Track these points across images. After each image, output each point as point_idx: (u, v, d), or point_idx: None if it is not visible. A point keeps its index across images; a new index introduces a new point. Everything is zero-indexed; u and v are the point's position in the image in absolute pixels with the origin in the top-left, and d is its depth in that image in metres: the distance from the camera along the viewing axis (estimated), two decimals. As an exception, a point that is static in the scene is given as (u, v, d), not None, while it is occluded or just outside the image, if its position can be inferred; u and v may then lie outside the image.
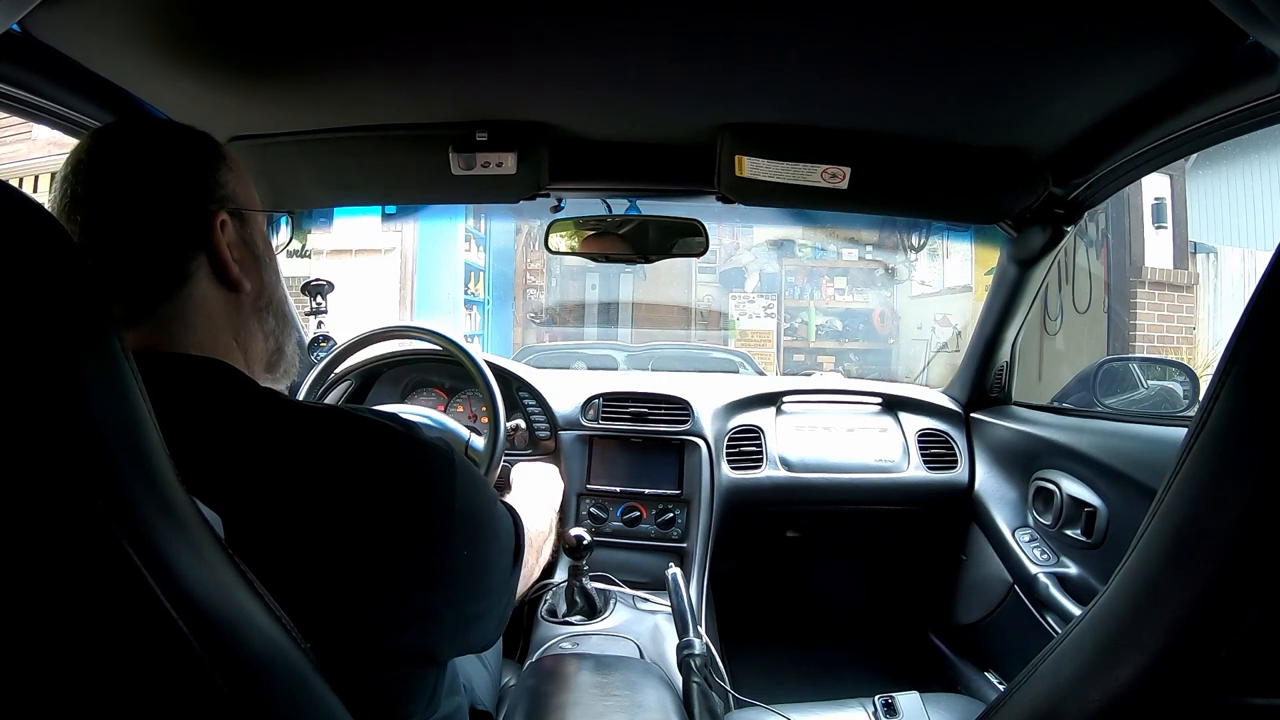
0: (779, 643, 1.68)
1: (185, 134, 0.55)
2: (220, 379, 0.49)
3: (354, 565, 0.44)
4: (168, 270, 0.51)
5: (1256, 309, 0.34)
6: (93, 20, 0.71)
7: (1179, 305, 4.39)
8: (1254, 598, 0.34)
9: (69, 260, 0.31)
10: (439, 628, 0.50)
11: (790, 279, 7.01)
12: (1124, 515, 1.08)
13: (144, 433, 0.33)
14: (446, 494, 0.49)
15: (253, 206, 0.57)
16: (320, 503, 0.44)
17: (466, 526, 0.51)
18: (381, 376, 1.53)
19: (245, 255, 0.55)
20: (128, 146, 0.52)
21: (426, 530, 0.48)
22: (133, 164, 0.51)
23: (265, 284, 0.57)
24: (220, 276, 0.53)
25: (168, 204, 0.51)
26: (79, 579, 0.30)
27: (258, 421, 0.47)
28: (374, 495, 0.46)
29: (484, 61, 0.81)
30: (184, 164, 0.53)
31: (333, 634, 0.41)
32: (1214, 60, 0.73)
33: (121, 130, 0.54)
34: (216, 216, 0.53)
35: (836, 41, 0.75)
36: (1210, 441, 0.36)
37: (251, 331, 0.56)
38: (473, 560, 0.52)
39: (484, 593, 0.55)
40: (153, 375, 0.35)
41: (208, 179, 0.54)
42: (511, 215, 6.22)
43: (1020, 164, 1.03)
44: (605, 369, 3.39)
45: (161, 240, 0.51)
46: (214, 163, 0.55)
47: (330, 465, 0.46)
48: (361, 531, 0.44)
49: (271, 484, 0.44)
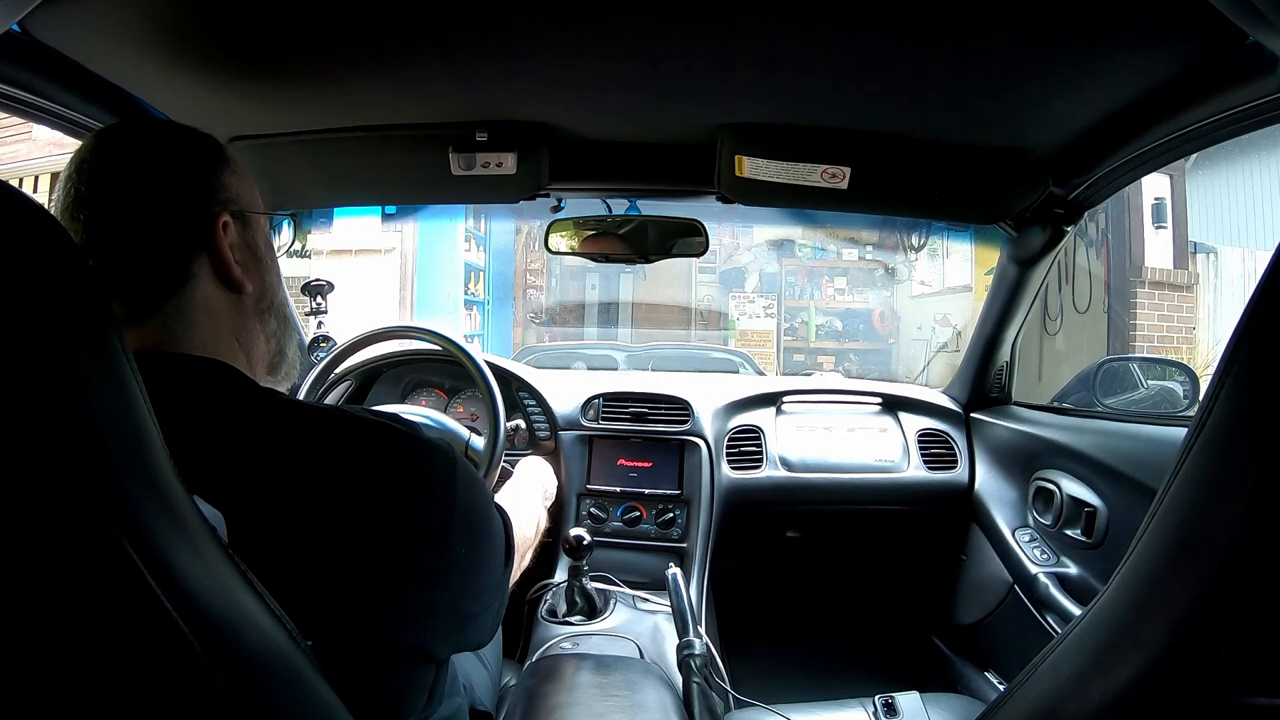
0: (779, 643, 1.68)
1: (188, 135, 0.55)
2: (222, 379, 0.49)
3: (354, 564, 0.44)
4: (170, 270, 0.51)
5: (1256, 309, 0.34)
6: (93, 20, 0.71)
7: (1179, 305, 4.39)
8: (1254, 598, 0.34)
9: (69, 260, 0.31)
10: (437, 626, 0.50)
11: (790, 279, 7.01)
12: (1124, 515, 1.08)
13: (144, 432, 0.33)
14: (448, 494, 0.50)
15: (255, 208, 0.58)
16: (321, 502, 0.44)
17: (466, 527, 0.52)
18: (381, 377, 1.53)
19: (247, 257, 0.56)
20: (131, 147, 0.52)
21: (427, 529, 0.48)
22: (136, 164, 0.51)
23: (267, 286, 0.58)
24: (222, 277, 0.53)
25: (170, 204, 0.52)
26: (79, 578, 0.30)
27: (259, 421, 0.47)
28: (375, 494, 0.46)
29: (484, 61, 0.81)
30: (187, 165, 0.53)
31: (332, 632, 0.42)
32: (1214, 60, 0.73)
33: (125, 131, 0.54)
34: (219, 218, 0.53)
35: (836, 41, 0.75)
36: (1210, 441, 0.36)
37: (253, 333, 0.56)
38: (470, 560, 0.53)
39: (480, 591, 0.56)
40: (155, 375, 0.35)
41: (210, 180, 0.54)
42: (511, 215, 6.22)
43: (1020, 164, 1.03)
44: (605, 369, 3.39)
45: (164, 240, 0.51)
46: (217, 164, 0.55)
47: (332, 464, 0.46)
48: (362, 530, 0.45)
49: (273, 483, 0.44)
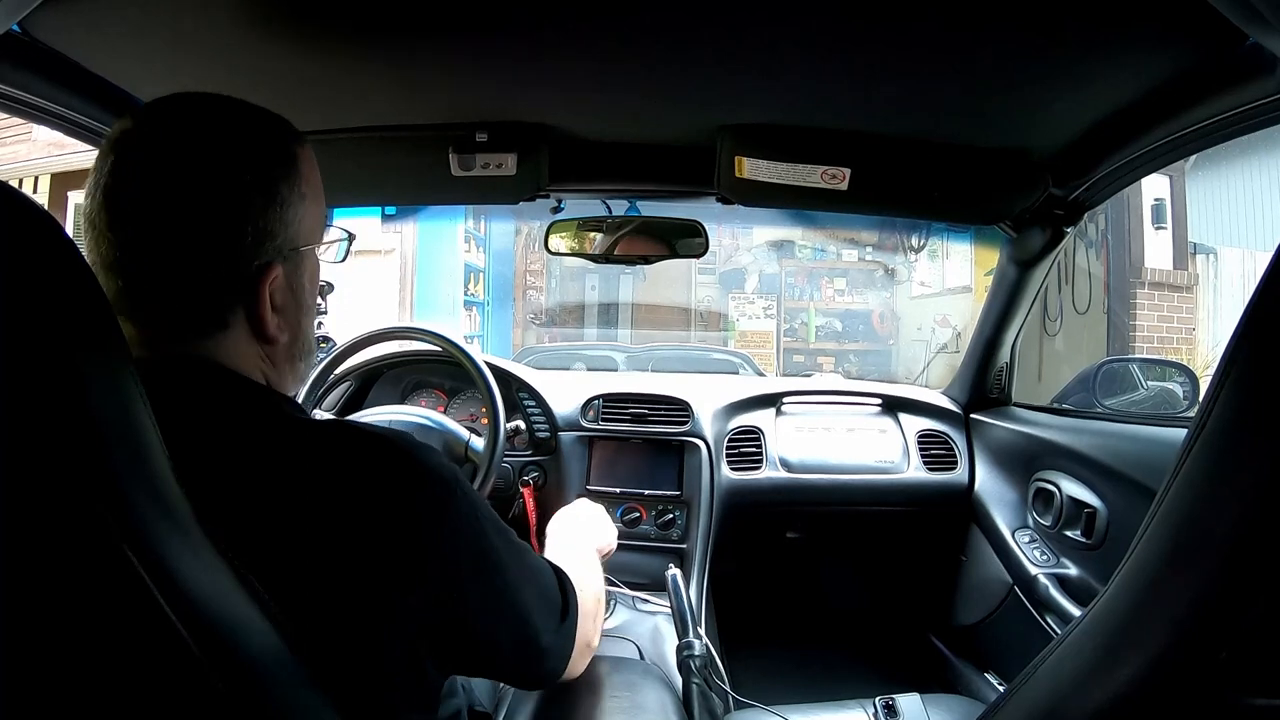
0: (779, 644, 1.68)
1: (255, 136, 0.47)
2: (228, 387, 0.47)
3: (345, 579, 0.43)
4: (201, 321, 0.47)
5: (1256, 310, 0.34)
6: (93, 20, 0.71)
7: (1179, 306, 4.40)
8: (1254, 598, 0.34)
9: (69, 260, 0.31)
10: (438, 645, 0.48)
11: (790, 280, 7.01)
12: (1124, 516, 1.08)
13: (144, 434, 0.33)
14: (443, 515, 0.47)
15: (315, 236, 0.51)
16: (314, 514, 0.43)
17: (468, 549, 0.49)
18: (381, 377, 1.53)
19: (289, 302, 0.50)
20: (179, 151, 0.44)
21: (420, 547, 0.46)
22: (177, 184, 0.44)
23: (302, 330, 0.53)
24: (257, 330, 0.48)
25: (215, 250, 0.45)
26: (78, 580, 0.30)
27: (261, 433, 0.45)
28: (365, 509, 0.44)
29: (484, 62, 0.81)
30: (242, 195, 0.45)
31: (327, 642, 0.41)
32: (1214, 60, 0.73)
33: (175, 122, 0.46)
34: (270, 272, 0.47)
35: (836, 43, 0.75)
36: (1210, 442, 0.36)
37: (283, 373, 0.53)
38: (479, 582, 0.50)
39: (498, 621, 0.52)
40: (153, 378, 0.35)
41: (269, 215, 0.46)
42: (511, 216, 6.21)
43: (1020, 165, 1.03)
44: (605, 370, 3.39)
45: (200, 289, 0.46)
46: (282, 187, 0.47)
47: (325, 478, 0.44)
48: (351, 545, 0.43)
49: (269, 492, 0.43)
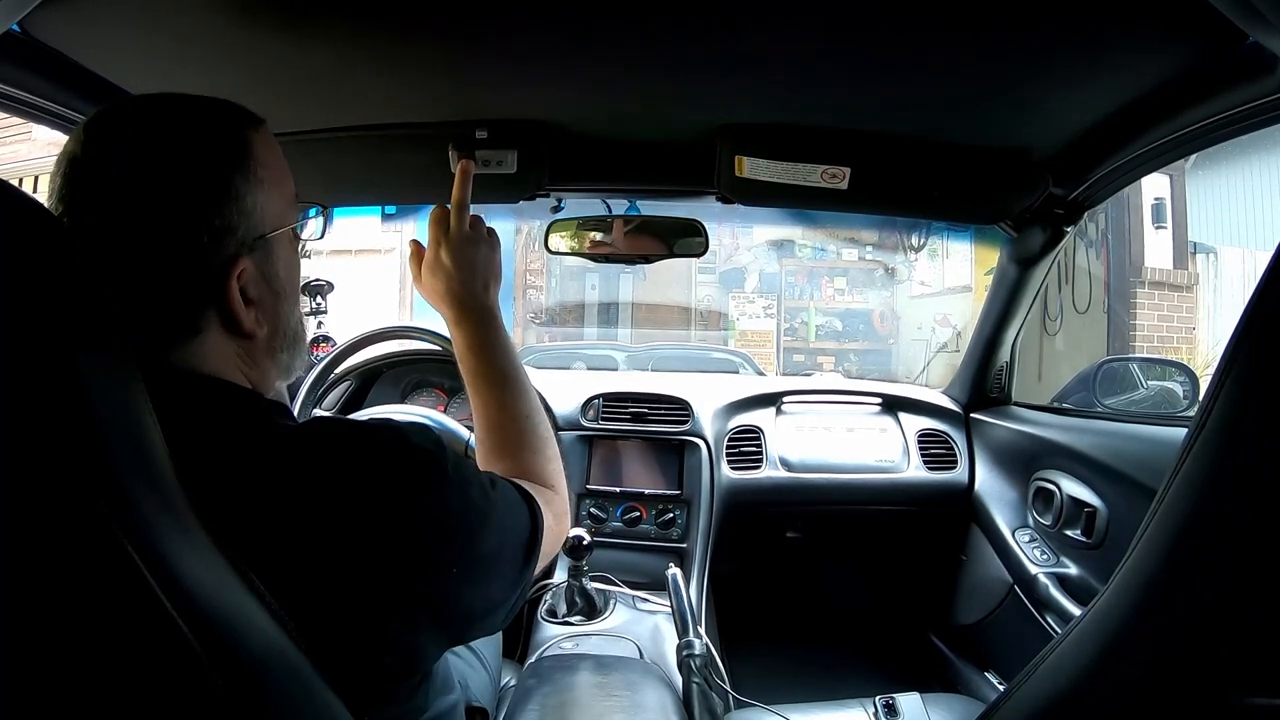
0: (779, 643, 1.68)
1: (197, 138, 0.46)
2: (215, 393, 0.47)
3: (338, 571, 0.43)
4: (172, 328, 0.46)
5: (1256, 309, 0.34)
6: (93, 20, 0.71)
7: (1179, 305, 4.40)
8: (1254, 598, 0.34)
9: (70, 260, 0.31)
10: (432, 628, 0.48)
11: (790, 279, 7.00)
12: (1124, 515, 1.08)
13: (145, 432, 0.33)
14: (433, 499, 0.47)
15: (283, 220, 0.50)
16: (303, 509, 0.43)
17: (459, 530, 0.49)
18: (381, 377, 1.54)
19: (264, 293, 0.49)
20: (122, 160, 0.44)
21: (413, 532, 0.46)
22: (128, 191, 0.43)
23: (282, 319, 0.52)
24: (232, 328, 0.48)
25: (173, 259, 0.44)
26: (79, 577, 0.30)
27: (245, 439, 0.45)
28: (356, 499, 0.44)
29: (485, 60, 0.81)
30: (194, 195, 0.45)
31: (328, 635, 0.41)
32: (1214, 60, 0.73)
33: (114, 135, 0.45)
34: (235, 267, 0.46)
35: (836, 42, 0.75)
36: (1210, 441, 0.36)
37: (265, 369, 0.52)
38: (470, 562, 0.51)
39: (485, 588, 0.52)
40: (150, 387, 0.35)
41: (224, 210, 0.46)
42: (511, 215, 6.19)
43: (1020, 164, 1.03)
44: (605, 369, 3.39)
45: (165, 298, 0.45)
46: (235, 179, 0.46)
47: (312, 474, 0.44)
48: (343, 536, 0.43)
49: (259, 498, 0.42)
